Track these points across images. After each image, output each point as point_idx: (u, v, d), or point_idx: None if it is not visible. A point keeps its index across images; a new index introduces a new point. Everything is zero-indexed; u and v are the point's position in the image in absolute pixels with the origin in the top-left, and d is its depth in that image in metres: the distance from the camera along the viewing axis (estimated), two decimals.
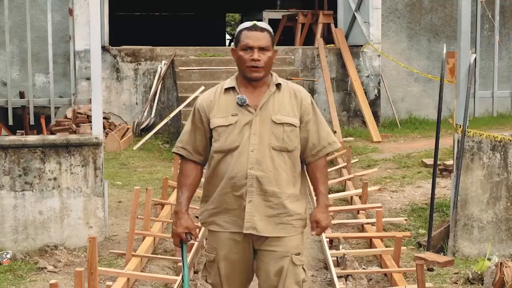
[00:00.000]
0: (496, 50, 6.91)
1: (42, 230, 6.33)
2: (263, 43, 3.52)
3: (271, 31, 3.60)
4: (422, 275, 4.24)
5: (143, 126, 12.03)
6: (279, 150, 3.52)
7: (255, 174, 3.48)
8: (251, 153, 3.49)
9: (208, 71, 12.11)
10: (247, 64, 3.52)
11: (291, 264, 3.55)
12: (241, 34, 3.56)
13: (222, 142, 3.53)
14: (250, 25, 3.56)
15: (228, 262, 3.57)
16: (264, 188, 3.49)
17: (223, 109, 3.56)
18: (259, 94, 3.57)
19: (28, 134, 7.98)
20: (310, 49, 13.17)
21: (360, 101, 12.51)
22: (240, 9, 23.66)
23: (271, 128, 3.52)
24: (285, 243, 3.55)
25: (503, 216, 6.22)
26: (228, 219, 3.55)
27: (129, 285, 5.38)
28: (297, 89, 3.64)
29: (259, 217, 3.50)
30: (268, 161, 3.50)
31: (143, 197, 7.07)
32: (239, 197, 3.51)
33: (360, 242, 6.62)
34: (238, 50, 3.56)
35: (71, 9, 7.12)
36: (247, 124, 3.52)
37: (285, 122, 3.53)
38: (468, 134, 6.18)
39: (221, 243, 3.57)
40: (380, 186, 8.29)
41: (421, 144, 11.15)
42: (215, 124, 3.55)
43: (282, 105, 3.56)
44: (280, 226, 3.53)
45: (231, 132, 3.52)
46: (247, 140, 3.50)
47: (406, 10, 14.04)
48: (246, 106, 3.54)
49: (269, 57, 3.54)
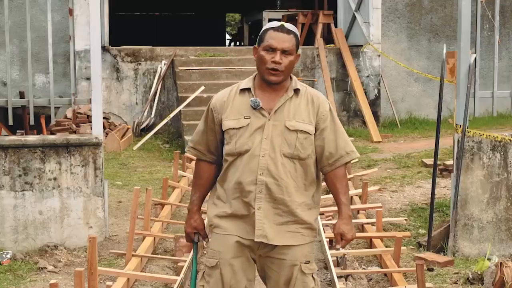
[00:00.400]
0: (496, 50, 6.91)
1: (42, 230, 6.33)
2: (287, 46, 3.40)
3: (297, 34, 3.47)
4: (422, 275, 4.24)
5: (143, 126, 12.03)
6: (290, 157, 3.40)
7: (265, 180, 3.38)
8: (262, 158, 3.38)
9: (208, 71, 12.11)
10: (267, 66, 3.39)
11: (299, 272, 3.45)
12: (266, 34, 3.43)
13: (232, 145, 3.43)
14: (277, 26, 3.42)
15: (233, 268, 3.44)
16: (274, 196, 3.39)
17: (236, 111, 3.45)
18: (275, 97, 3.45)
19: (28, 134, 7.98)
20: (310, 49, 13.17)
21: (360, 101, 12.51)
22: (240, 9, 23.65)
23: (283, 134, 3.40)
24: (294, 252, 3.45)
25: (503, 216, 6.22)
26: (235, 224, 3.45)
27: (129, 285, 5.38)
28: (316, 95, 3.51)
29: (269, 225, 3.40)
30: (279, 167, 3.38)
31: (143, 197, 7.07)
32: (247, 203, 3.40)
33: (360, 242, 6.62)
34: (260, 49, 3.43)
35: (71, 9, 7.13)
36: (259, 128, 3.41)
37: (299, 129, 3.41)
38: (468, 134, 6.18)
39: (227, 247, 3.45)
40: (380, 186, 8.29)
41: (421, 144, 11.15)
42: (227, 126, 3.45)
43: (298, 111, 3.43)
44: (288, 234, 3.43)
45: (242, 135, 3.41)
46: (259, 144, 3.39)
47: (406, 10, 14.04)
48: (260, 109, 3.42)
49: (290, 61, 3.41)
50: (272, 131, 3.40)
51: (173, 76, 12.29)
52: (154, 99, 12.27)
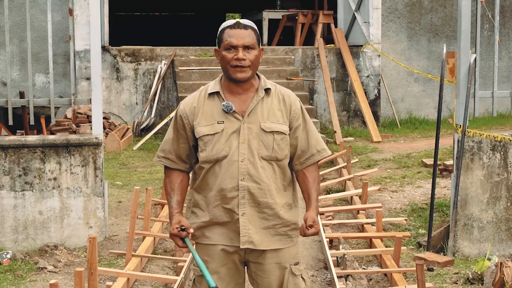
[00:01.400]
0: (496, 50, 6.91)
1: (42, 230, 6.33)
2: (247, 41, 3.29)
3: (255, 28, 3.36)
4: (422, 275, 4.24)
5: (143, 126, 12.04)
6: (268, 159, 3.32)
7: (247, 185, 3.29)
8: (241, 163, 3.29)
9: (208, 71, 12.12)
10: (231, 64, 3.29)
11: (290, 275, 3.40)
12: (224, 33, 3.32)
13: (208, 151, 3.32)
14: (232, 23, 3.32)
15: (219, 276, 3.37)
16: (257, 200, 3.31)
17: (208, 116, 3.33)
18: (246, 99, 3.35)
19: (28, 134, 7.97)
20: (310, 49, 13.17)
21: (360, 101, 12.52)
22: (240, 9, 23.65)
23: (260, 136, 3.31)
24: (283, 255, 3.38)
25: (503, 216, 6.22)
26: (219, 232, 3.36)
27: (129, 285, 5.38)
28: (286, 93, 3.42)
29: (255, 230, 3.32)
30: (259, 171, 3.30)
31: (143, 197, 7.07)
32: (229, 210, 3.31)
33: (360, 242, 6.62)
34: (222, 50, 3.32)
35: (71, 9, 7.12)
36: (234, 132, 3.31)
37: (275, 130, 3.32)
38: (468, 134, 6.18)
39: (212, 255, 3.37)
40: (380, 186, 8.28)
41: (421, 144, 11.15)
42: (200, 133, 3.33)
43: (271, 111, 3.35)
44: (276, 237, 3.36)
45: (218, 141, 3.30)
46: (236, 149, 3.29)
47: (406, 10, 14.04)
48: (233, 113, 3.31)
49: (255, 55, 3.31)
50: (248, 135, 3.31)
51: (173, 76, 12.29)
52: (154, 99, 12.28)
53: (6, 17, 6.83)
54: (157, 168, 9.79)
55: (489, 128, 11.52)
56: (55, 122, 10.50)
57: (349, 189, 8.03)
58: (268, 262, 3.39)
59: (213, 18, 24.64)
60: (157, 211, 7.25)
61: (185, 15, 25.11)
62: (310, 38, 14.47)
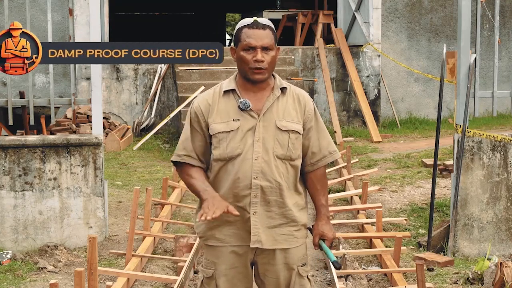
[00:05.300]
0: (496, 50, 6.91)
1: (42, 230, 6.33)
2: (266, 42, 3.26)
3: (273, 27, 3.33)
4: (422, 275, 4.24)
5: (143, 126, 12.03)
6: (283, 158, 3.30)
7: (260, 184, 3.27)
8: (255, 162, 3.26)
9: (208, 71, 12.11)
10: (250, 66, 3.26)
11: (297, 276, 3.40)
12: (242, 33, 3.29)
13: (222, 149, 3.29)
14: (250, 22, 3.28)
15: (228, 278, 3.36)
16: (268, 198, 3.29)
17: (223, 114, 3.31)
18: (261, 97, 3.33)
19: (28, 134, 7.97)
20: (310, 49, 13.17)
21: (360, 101, 12.52)
22: (240, 9, 23.65)
23: (275, 135, 3.29)
24: (292, 256, 3.39)
25: (503, 216, 6.22)
26: (229, 232, 3.34)
27: (129, 285, 5.38)
28: (301, 93, 3.42)
29: (262, 229, 3.31)
30: (273, 170, 3.28)
31: (143, 197, 7.07)
32: (241, 208, 3.28)
33: (360, 242, 6.62)
34: (239, 50, 3.30)
35: (71, 9, 7.12)
36: (250, 130, 3.28)
37: (290, 129, 3.31)
38: (468, 134, 6.18)
39: (222, 257, 3.36)
40: (380, 186, 8.29)
41: (421, 144, 11.15)
42: (215, 130, 3.30)
43: (286, 110, 3.33)
44: (282, 237, 3.35)
45: (233, 139, 3.28)
46: (250, 147, 3.27)
47: (406, 10, 14.04)
48: (249, 110, 3.29)
49: (272, 56, 3.29)
50: (263, 133, 3.29)
51: (173, 76, 12.29)
52: (154, 99, 12.28)
53: (6, 17, 6.83)
54: (157, 168, 9.79)
55: (489, 128, 11.51)
56: (55, 122, 10.49)
57: (349, 189, 8.03)
58: (277, 263, 3.38)
59: (213, 18, 24.69)
60: (157, 211, 7.25)
61: (185, 15, 25.12)
62: (310, 38, 14.47)
